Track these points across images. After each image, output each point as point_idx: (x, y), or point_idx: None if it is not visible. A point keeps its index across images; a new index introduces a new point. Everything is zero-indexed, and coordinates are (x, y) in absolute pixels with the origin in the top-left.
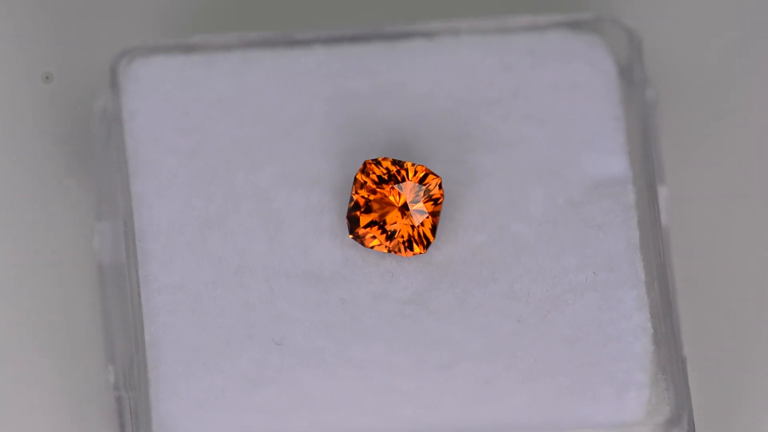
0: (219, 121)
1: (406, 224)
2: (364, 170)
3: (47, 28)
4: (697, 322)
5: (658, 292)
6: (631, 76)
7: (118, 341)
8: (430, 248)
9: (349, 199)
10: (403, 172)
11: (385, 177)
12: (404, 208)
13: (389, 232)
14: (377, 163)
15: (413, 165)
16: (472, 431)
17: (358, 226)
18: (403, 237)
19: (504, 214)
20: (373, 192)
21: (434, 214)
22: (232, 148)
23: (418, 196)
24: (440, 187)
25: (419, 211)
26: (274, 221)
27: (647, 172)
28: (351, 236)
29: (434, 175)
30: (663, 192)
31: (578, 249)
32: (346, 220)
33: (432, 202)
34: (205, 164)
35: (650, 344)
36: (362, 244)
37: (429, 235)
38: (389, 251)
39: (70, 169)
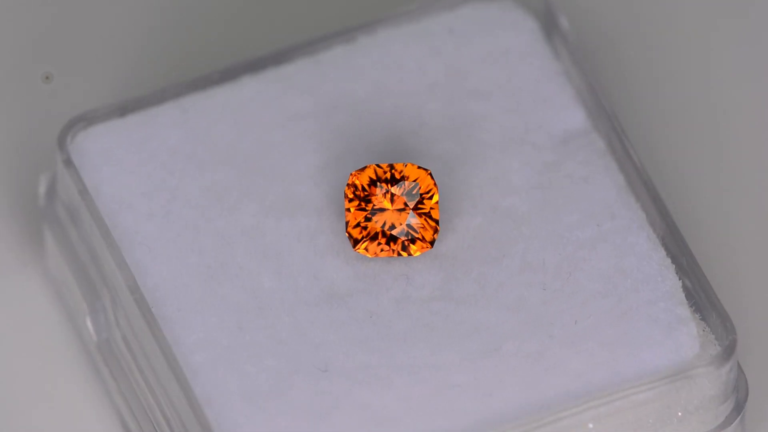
0: (181, 174)
1: (406, 224)
2: (350, 183)
3: None
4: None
5: (665, 227)
6: (554, 29)
7: (131, 416)
8: (435, 241)
9: (338, 214)
10: (389, 174)
11: (373, 184)
12: (401, 209)
13: (392, 237)
14: (360, 173)
15: (395, 166)
16: (539, 408)
17: (361, 238)
18: (407, 237)
19: (489, 193)
20: (366, 201)
21: (432, 207)
22: (203, 197)
23: (411, 193)
24: (431, 176)
25: (416, 208)
26: (273, 255)
27: (605, 116)
28: (356, 250)
29: (423, 168)
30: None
31: (573, 206)
32: (347, 237)
33: (427, 196)
34: (184, 220)
35: (677, 279)
36: (369, 254)
37: (432, 229)
38: (397, 255)
39: (19, 254)
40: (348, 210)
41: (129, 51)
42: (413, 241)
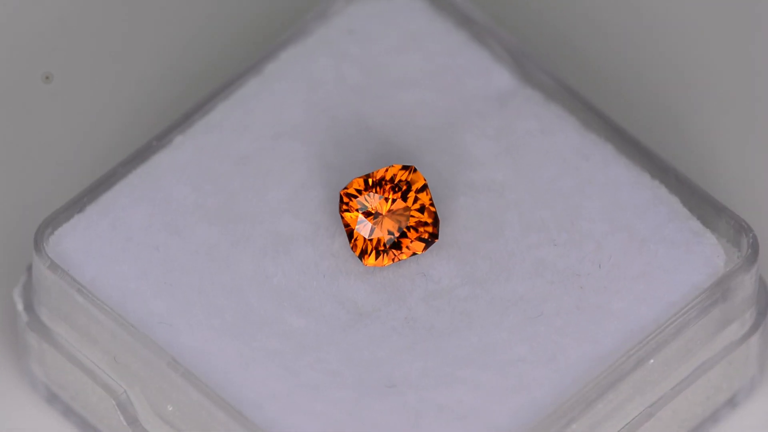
0: (164, 246)
1: (405, 224)
2: (342, 201)
3: None
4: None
5: (637, 152)
6: (443, 2)
7: None
8: (438, 233)
9: (328, 237)
10: (376, 180)
11: (364, 190)
12: (399, 212)
13: (397, 240)
14: (347, 189)
15: (377, 171)
16: (609, 357)
17: (368, 252)
18: (411, 237)
19: (459, 172)
20: (366, 213)
21: (428, 201)
22: (196, 260)
23: (400, 193)
24: (417, 171)
25: (411, 205)
26: (287, 294)
27: (527, 66)
28: (366, 263)
29: (405, 166)
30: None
31: (544, 159)
32: (354, 254)
33: (419, 190)
34: (189, 287)
35: (673, 197)
36: (380, 265)
37: (432, 221)
38: (407, 256)
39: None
40: (347, 227)
41: (64, 136)
42: (418, 238)
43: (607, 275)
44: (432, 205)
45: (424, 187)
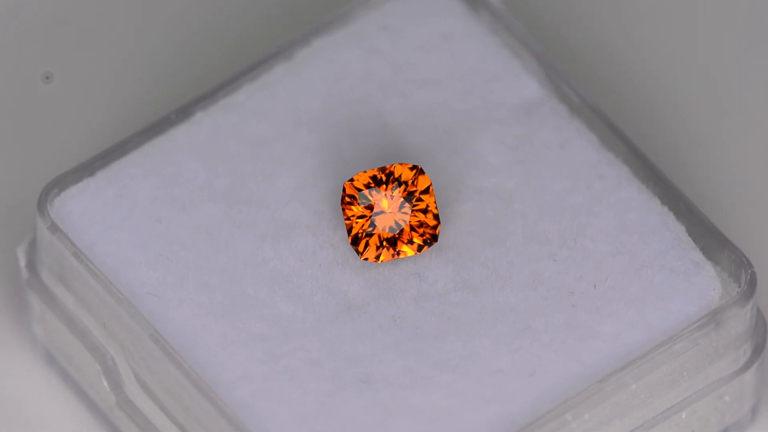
0: (167, 220)
1: (406, 224)
2: (345, 194)
3: None
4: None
5: (653, 176)
6: (481, 5)
7: None
8: (438, 235)
9: (331, 228)
10: (382, 177)
11: (368, 187)
12: (399, 210)
13: (396, 238)
14: (353, 183)
15: (384, 168)
16: (586, 377)
17: (366, 247)
18: (410, 236)
19: (470, 176)
20: (368, 208)
21: (431, 202)
22: (196, 238)
23: (405, 192)
24: (423, 172)
25: (414, 206)
26: (281, 280)
27: (556, 79)
28: (363, 259)
29: (412, 165)
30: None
31: (558, 173)
32: (352, 248)
33: (423, 191)
34: (184, 262)
35: (679, 225)
36: (376, 261)
37: (433, 223)
38: (405, 255)
39: (7, 325)
40: (347, 220)
41: (85, 104)
42: (417, 238)
43: (601, 296)
44: (435, 207)
45: (429, 189)
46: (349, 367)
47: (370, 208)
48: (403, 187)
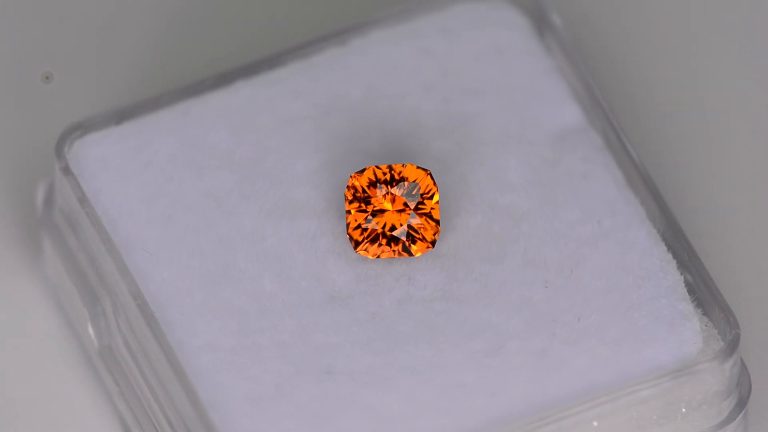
0: (180, 180)
1: (407, 224)
2: (350, 185)
3: None
4: (712, 247)
5: (665, 223)
6: (546, 26)
7: (135, 419)
8: (436, 241)
9: (337, 217)
10: (390, 175)
11: (372, 185)
12: (402, 210)
13: (393, 237)
14: (360, 175)
15: (394, 166)
16: (545, 405)
17: (362, 239)
18: (408, 238)
19: (487, 190)
20: (366, 202)
21: (433, 207)
22: (203, 202)
23: (410, 194)
24: (430, 176)
25: (416, 208)
26: (274, 258)
27: (601, 112)
28: (357, 251)
29: (421, 168)
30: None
31: (572, 202)
32: (348, 238)
33: (427, 196)
34: (185, 225)
35: (679, 274)
36: (370, 256)
37: (433, 228)
38: (399, 255)
39: (18, 263)
40: (348, 212)
41: (125, 57)
42: (414, 241)
43: (582, 330)
44: (437, 213)
45: (433, 194)
46: (316, 355)
47: (370, 203)
48: (406, 187)
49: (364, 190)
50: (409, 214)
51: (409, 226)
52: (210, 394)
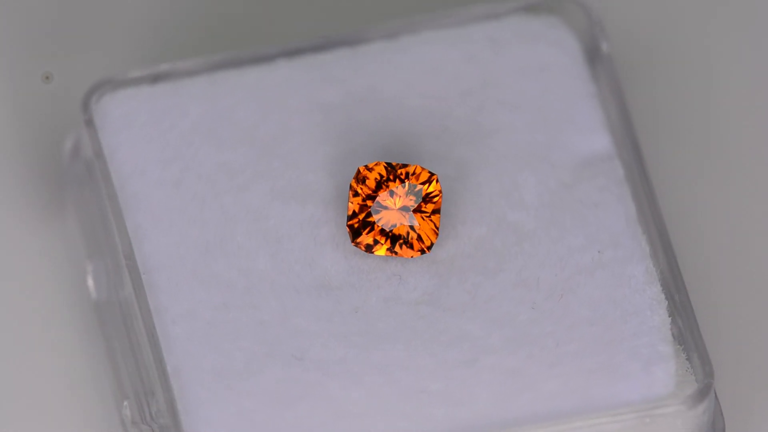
0: (198, 148)
1: (407, 225)
2: (358, 177)
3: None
4: (706, 294)
5: (666, 263)
6: (596, 52)
7: (128, 376)
8: (432, 246)
9: (345, 207)
10: (398, 173)
11: (380, 181)
12: (404, 210)
13: (391, 236)
14: (370, 169)
15: (405, 166)
16: (506, 424)
17: (360, 233)
18: (405, 239)
19: (499, 205)
20: (371, 198)
21: (435, 212)
22: (217, 173)
23: (415, 196)
24: (437, 182)
25: (419, 211)
26: (273, 238)
27: (630, 144)
28: (354, 244)
29: (429, 172)
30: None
31: (579, 229)
32: (347, 229)
33: (431, 201)
34: (193, 192)
35: (667, 316)
36: (366, 250)
37: (432, 234)
38: (394, 254)
39: (42, 211)
40: (351, 203)
41: (171, 18)
42: (411, 243)
43: (558, 357)
44: (437, 218)
45: (435, 199)
46: (291, 339)
47: (374, 198)
48: (412, 188)
49: (369, 186)
50: (410, 215)
51: (409, 227)
52: (177, 361)
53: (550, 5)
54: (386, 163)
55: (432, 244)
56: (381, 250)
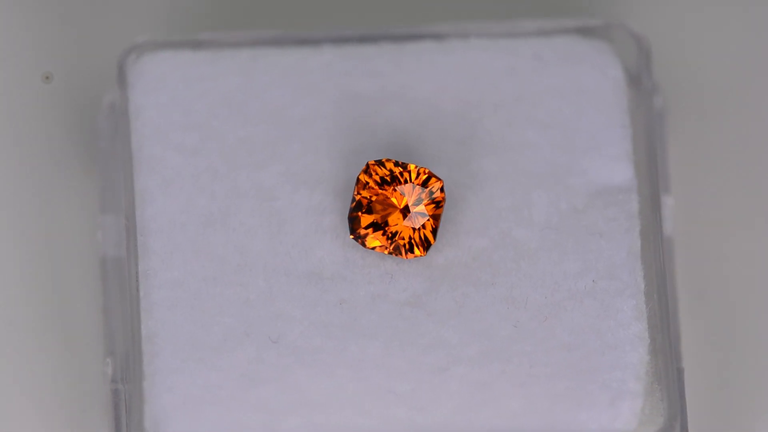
0: (224, 120)
1: (407, 226)
2: (367, 171)
3: (52, 24)
4: (699, 333)
5: (657, 303)
6: (640, 83)
7: (117, 334)
8: (430, 251)
9: (351, 199)
10: (406, 174)
11: (388, 178)
12: (406, 210)
13: (390, 234)
14: (380, 164)
15: (416, 167)
16: None
17: (359, 226)
18: (403, 239)
19: (506, 219)
20: (376, 193)
21: (435, 217)
22: (236, 147)
23: (420, 198)
24: (442, 190)
25: (420, 214)
26: (276, 220)
27: (652, 181)
28: (352, 236)
29: (436, 177)
30: (668, 202)
31: (579, 256)
32: (347, 220)
33: (434, 205)
34: (209, 162)
35: (646, 354)
36: (363, 244)
37: (430, 237)
38: (390, 253)
39: (74, 165)
40: (354, 197)
41: None
42: (408, 243)
43: (530, 377)
44: (437, 223)
45: (440, 205)
46: (271, 322)
47: (379, 194)
48: (416, 191)
49: (375, 181)
50: (411, 216)
51: (408, 228)
52: (155, 326)
53: (602, 30)
54: (396, 161)
55: (428, 247)
56: (377, 247)
